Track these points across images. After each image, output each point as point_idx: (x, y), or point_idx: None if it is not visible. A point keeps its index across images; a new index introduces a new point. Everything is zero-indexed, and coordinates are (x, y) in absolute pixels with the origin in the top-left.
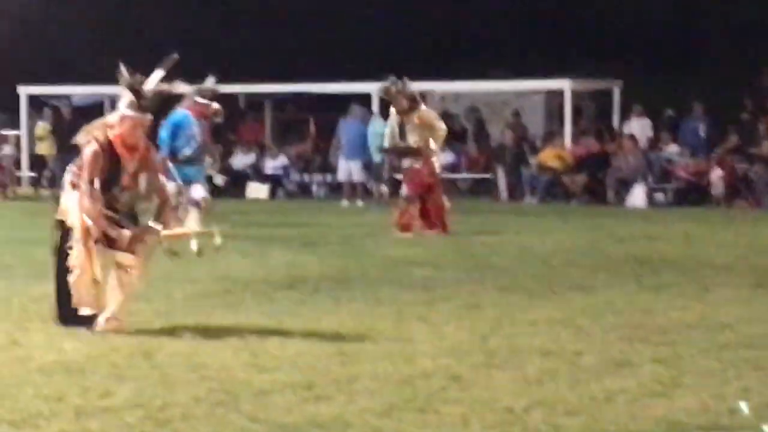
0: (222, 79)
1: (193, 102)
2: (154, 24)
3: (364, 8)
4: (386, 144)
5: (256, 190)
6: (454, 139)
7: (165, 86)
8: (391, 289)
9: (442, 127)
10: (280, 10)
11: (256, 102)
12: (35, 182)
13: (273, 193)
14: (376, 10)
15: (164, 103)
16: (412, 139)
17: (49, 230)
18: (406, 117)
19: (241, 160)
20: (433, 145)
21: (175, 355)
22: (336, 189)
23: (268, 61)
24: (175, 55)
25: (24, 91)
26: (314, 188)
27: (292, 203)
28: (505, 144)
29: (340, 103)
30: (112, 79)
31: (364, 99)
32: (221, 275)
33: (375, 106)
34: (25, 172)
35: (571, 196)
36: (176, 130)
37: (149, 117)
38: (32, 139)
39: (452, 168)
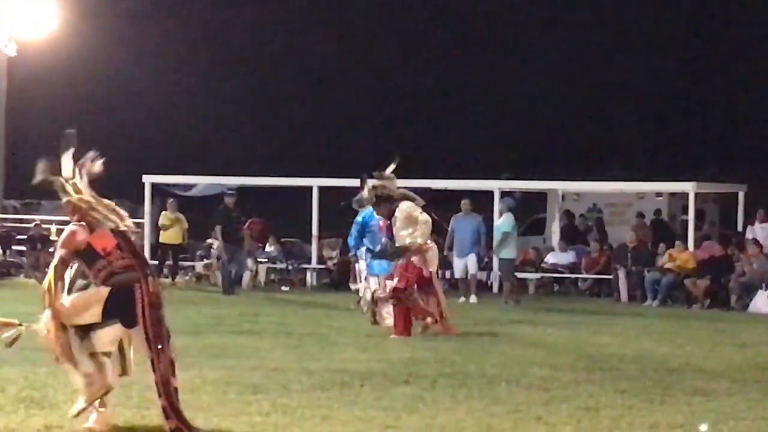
0: (345, 173)
1: None
2: (273, 119)
3: (487, 107)
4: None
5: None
6: (575, 239)
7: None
8: (509, 387)
9: (424, 219)
10: (401, 108)
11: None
12: (158, 271)
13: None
14: (498, 109)
15: None
16: (399, 236)
17: None
18: (393, 218)
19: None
20: (419, 239)
21: None
22: (454, 285)
23: (389, 156)
24: (72, 131)
25: (148, 179)
26: None
27: None
28: (626, 245)
29: (461, 199)
30: (236, 170)
31: (487, 195)
32: (339, 368)
33: (497, 202)
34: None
35: (693, 301)
36: (362, 227)
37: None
38: (155, 228)
39: (572, 268)
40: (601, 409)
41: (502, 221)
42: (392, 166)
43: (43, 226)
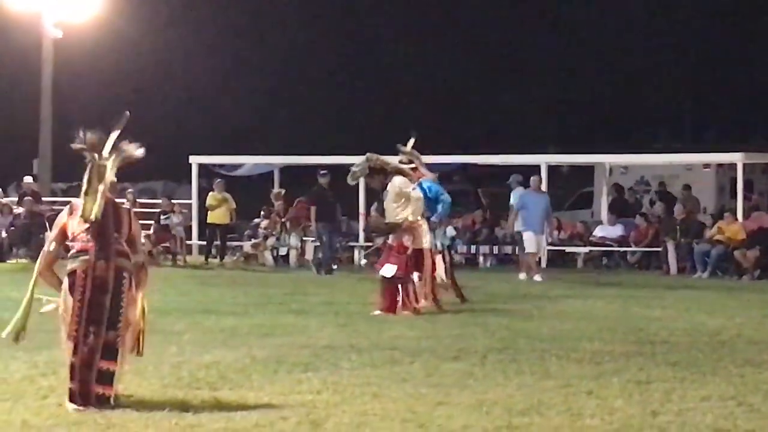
0: (391, 151)
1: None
2: (318, 98)
3: (531, 82)
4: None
5: None
6: (625, 212)
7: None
8: (559, 362)
9: (416, 195)
10: (447, 84)
11: None
12: (206, 251)
13: None
14: (542, 85)
15: None
16: (389, 212)
17: None
18: (385, 191)
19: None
20: (410, 216)
21: (343, 425)
22: (503, 260)
23: (437, 134)
24: (127, 113)
25: (195, 160)
26: (481, 259)
27: (459, 274)
28: (675, 217)
29: (507, 175)
30: (283, 150)
31: (533, 171)
32: (388, 346)
33: (544, 176)
34: (195, 241)
35: (743, 272)
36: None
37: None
38: (203, 208)
39: (621, 241)
40: (652, 382)
41: (513, 197)
42: (411, 141)
43: None
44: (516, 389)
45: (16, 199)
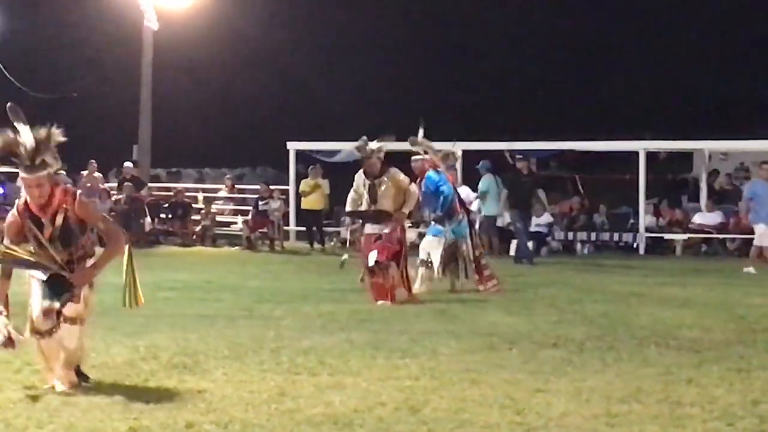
0: (488, 137)
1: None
2: (416, 83)
3: (628, 69)
4: (348, 207)
5: None
6: (723, 199)
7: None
8: (658, 349)
9: (413, 189)
10: (545, 71)
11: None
12: (306, 237)
13: (537, 251)
14: (641, 68)
15: None
16: (384, 203)
17: None
18: (378, 180)
19: (506, 218)
20: (405, 209)
21: (441, 411)
22: (600, 247)
23: (534, 120)
24: (9, 105)
25: (293, 146)
26: (578, 246)
27: (556, 261)
28: None
29: (605, 161)
30: (379, 135)
31: (631, 156)
32: (486, 332)
33: (642, 163)
34: (293, 227)
35: None
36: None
37: (40, 173)
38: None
39: (720, 228)
40: (753, 370)
41: (481, 182)
42: (421, 131)
43: (189, 193)
44: (614, 377)
45: (116, 184)
